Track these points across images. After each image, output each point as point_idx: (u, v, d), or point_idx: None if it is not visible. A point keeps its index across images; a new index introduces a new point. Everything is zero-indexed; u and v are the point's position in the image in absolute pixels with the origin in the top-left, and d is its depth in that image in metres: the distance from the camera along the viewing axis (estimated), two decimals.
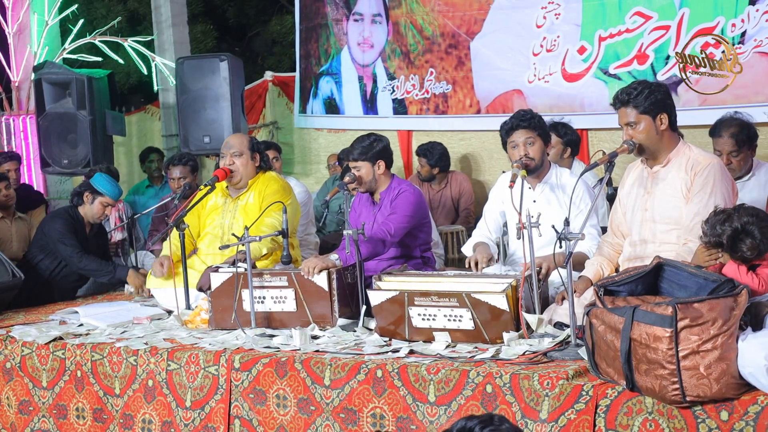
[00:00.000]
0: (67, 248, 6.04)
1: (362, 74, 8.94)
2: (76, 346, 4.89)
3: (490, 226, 5.23)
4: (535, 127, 4.97)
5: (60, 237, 6.05)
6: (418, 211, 5.27)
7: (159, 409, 4.61)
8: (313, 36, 9.35)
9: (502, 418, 2.32)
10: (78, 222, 6.17)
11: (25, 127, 9.50)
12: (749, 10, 6.51)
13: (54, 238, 6.07)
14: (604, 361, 3.60)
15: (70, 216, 6.16)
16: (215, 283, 4.93)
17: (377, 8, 8.77)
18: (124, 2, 12.70)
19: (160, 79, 9.72)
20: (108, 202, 6.16)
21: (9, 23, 9.56)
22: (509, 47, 7.82)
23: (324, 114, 9.32)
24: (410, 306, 4.35)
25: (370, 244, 4.97)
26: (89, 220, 6.20)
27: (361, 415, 4.08)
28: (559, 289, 4.50)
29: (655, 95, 4.26)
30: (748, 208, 3.79)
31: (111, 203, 6.19)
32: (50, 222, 6.19)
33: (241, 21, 13.80)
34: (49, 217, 6.38)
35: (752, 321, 3.54)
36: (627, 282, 3.65)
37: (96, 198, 6.13)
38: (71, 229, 6.09)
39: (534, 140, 4.96)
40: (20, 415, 5.04)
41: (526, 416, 3.69)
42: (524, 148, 4.94)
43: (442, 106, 8.37)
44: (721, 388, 3.34)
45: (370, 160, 5.27)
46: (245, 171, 5.60)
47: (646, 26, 7.03)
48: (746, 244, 3.67)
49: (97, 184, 6.14)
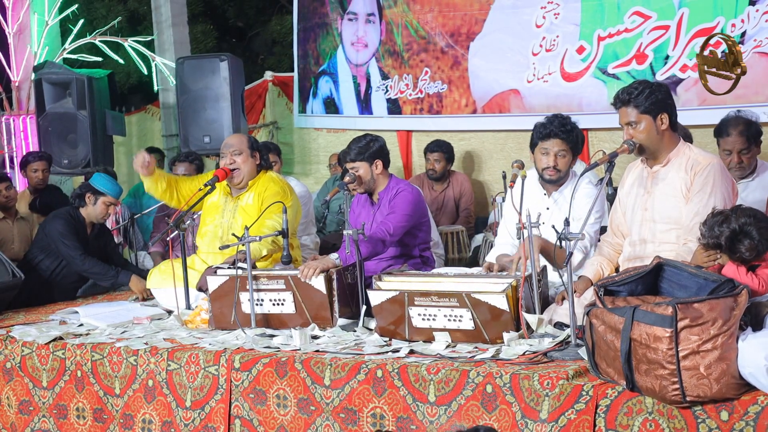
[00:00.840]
0: (70, 249, 6.04)
1: (356, 74, 8.94)
2: (76, 346, 4.89)
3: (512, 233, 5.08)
4: (572, 141, 4.87)
5: (62, 237, 6.05)
6: (417, 210, 5.27)
7: (159, 409, 4.61)
8: (312, 36, 9.35)
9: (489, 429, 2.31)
10: (79, 223, 6.17)
11: (25, 127, 9.50)
12: (749, 11, 6.51)
13: (55, 239, 6.07)
14: (604, 361, 3.60)
15: (71, 217, 6.16)
16: (213, 286, 4.93)
17: (371, 8, 8.77)
18: (124, 2, 12.70)
19: (160, 79, 9.72)
20: (110, 201, 6.16)
21: (9, 23, 9.57)
22: (509, 47, 7.83)
23: (324, 114, 9.32)
24: (410, 306, 4.35)
25: (370, 243, 4.97)
26: (92, 220, 6.20)
27: (361, 415, 4.08)
28: (559, 289, 4.50)
29: (656, 95, 4.26)
30: (745, 209, 3.79)
31: (114, 202, 6.19)
32: (52, 222, 6.19)
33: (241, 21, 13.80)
34: (50, 217, 6.37)
35: (752, 321, 3.54)
36: (627, 282, 3.66)
37: (98, 198, 6.13)
38: (73, 230, 6.09)
39: (566, 153, 4.88)
40: (20, 415, 5.04)
41: (526, 416, 3.69)
42: (554, 159, 4.87)
43: (436, 105, 8.37)
44: (721, 388, 3.34)
45: (368, 160, 5.27)
46: (246, 169, 5.59)
47: (645, 26, 7.03)
48: (745, 245, 3.67)
49: (97, 184, 6.15)
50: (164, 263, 5.66)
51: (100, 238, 6.36)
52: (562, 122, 4.88)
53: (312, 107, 9.42)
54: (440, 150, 7.78)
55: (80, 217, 6.18)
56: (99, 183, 6.15)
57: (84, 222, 6.19)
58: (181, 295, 5.32)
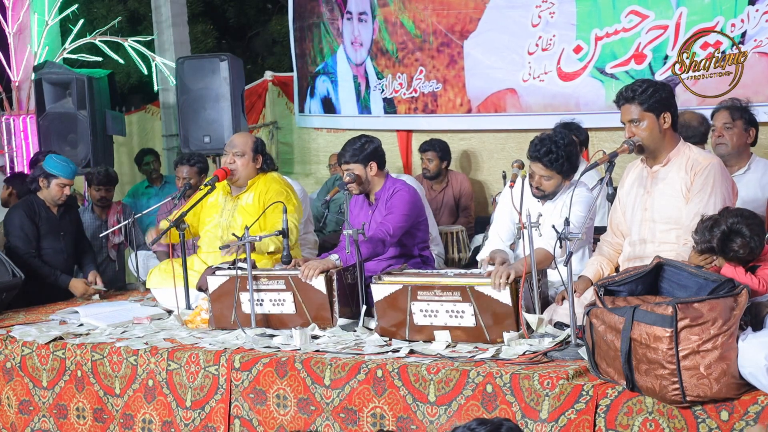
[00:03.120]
0: (18, 246, 6.08)
1: (356, 73, 8.94)
2: (76, 346, 4.89)
3: (503, 235, 5.11)
4: (557, 168, 4.77)
5: (14, 232, 6.09)
6: (415, 210, 5.28)
7: (159, 409, 4.61)
8: (308, 35, 9.34)
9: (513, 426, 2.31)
10: (41, 207, 6.20)
11: (26, 127, 9.49)
12: (749, 10, 6.50)
13: (8, 232, 6.12)
14: (605, 361, 3.60)
15: (29, 206, 6.18)
16: (213, 286, 4.94)
17: (363, 6, 8.76)
18: (125, 2, 12.70)
19: (161, 78, 9.72)
20: (64, 182, 6.16)
21: (9, 23, 9.56)
22: (504, 46, 7.81)
23: (322, 113, 9.32)
24: (413, 301, 4.36)
25: (370, 244, 4.97)
26: (52, 203, 6.22)
27: (361, 414, 4.08)
28: (559, 289, 4.50)
29: (660, 93, 4.26)
30: (732, 210, 3.81)
31: (66, 183, 6.19)
32: (8, 216, 6.24)
33: (241, 21, 13.80)
34: (10, 209, 6.40)
35: (752, 321, 3.54)
36: (627, 282, 3.66)
37: (51, 180, 6.15)
38: (28, 222, 6.10)
39: (551, 177, 4.81)
40: (20, 415, 5.04)
41: (526, 416, 3.69)
42: (538, 180, 4.84)
43: (431, 105, 8.36)
44: (722, 387, 3.34)
45: (362, 162, 5.26)
46: (244, 171, 5.60)
47: (643, 25, 7.02)
48: (737, 243, 3.67)
49: (48, 167, 6.15)
50: (164, 263, 5.67)
51: (70, 213, 6.38)
52: (548, 150, 4.75)
53: (310, 107, 9.41)
54: (433, 149, 7.79)
55: (40, 202, 6.21)
56: (50, 166, 6.15)
57: (45, 204, 6.21)
58: (181, 295, 5.33)
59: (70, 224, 6.34)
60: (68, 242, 6.34)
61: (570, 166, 4.84)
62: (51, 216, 6.23)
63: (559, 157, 4.76)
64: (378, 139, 5.43)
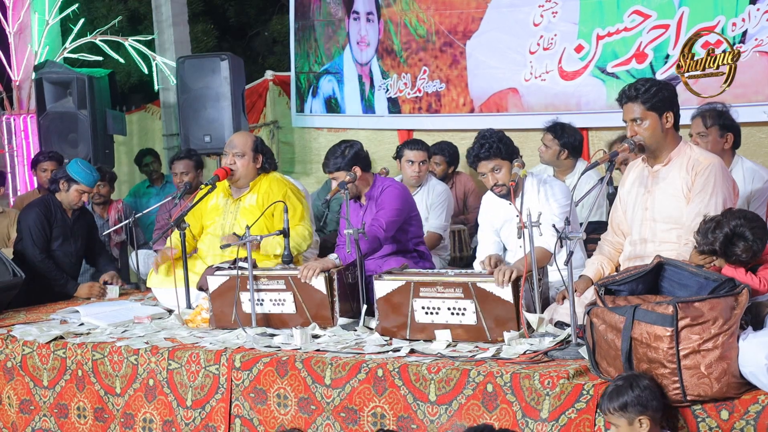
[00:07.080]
0: (30, 248, 6.08)
1: (361, 73, 8.95)
2: (77, 346, 4.89)
3: (490, 250, 5.05)
4: (495, 154, 4.81)
5: (29, 233, 6.09)
6: (406, 204, 5.29)
7: (160, 409, 4.62)
8: (312, 35, 9.34)
9: None
10: (57, 209, 6.20)
11: (26, 126, 9.50)
12: (750, 10, 6.50)
13: (23, 232, 6.12)
14: (605, 360, 3.60)
15: (46, 206, 6.18)
16: (213, 286, 4.94)
17: (369, 6, 8.77)
18: (125, 1, 12.69)
19: (161, 78, 9.72)
20: (83, 189, 6.16)
21: (10, 22, 9.56)
22: (506, 46, 7.81)
23: (325, 113, 9.31)
24: (415, 298, 4.37)
25: (366, 242, 4.97)
26: (68, 206, 6.22)
27: (361, 414, 4.08)
28: (560, 288, 4.50)
29: (663, 92, 4.26)
30: (735, 212, 3.80)
31: (86, 190, 6.20)
32: (24, 214, 6.24)
33: (241, 20, 13.79)
34: (25, 208, 6.40)
35: (753, 321, 3.54)
36: (628, 281, 3.66)
37: (71, 185, 6.15)
38: (43, 224, 6.11)
39: (500, 166, 4.82)
40: (21, 415, 5.04)
41: (526, 415, 3.69)
42: (493, 178, 4.84)
43: (435, 105, 8.36)
44: (722, 387, 3.34)
45: (345, 168, 5.25)
46: (245, 172, 5.59)
47: (645, 25, 7.02)
48: (740, 247, 3.67)
49: (72, 171, 6.15)
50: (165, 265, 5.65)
51: (84, 217, 6.39)
52: (481, 145, 4.83)
53: (311, 107, 9.40)
54: (441, 153, 7.78)
55: (57, 203, 6.21)
56: (74, 171, 6.15)
57: (62, 207, 6.22)
58: (182, 295, 5.33)
59: (82, 228, 6.33)
60: (78, 246, 6.33)
61: (506, 146, 4.85)
62: (65, 219, 6.23)
63: (491, 144, 4.81)
64: (358, 142, 5.41)
